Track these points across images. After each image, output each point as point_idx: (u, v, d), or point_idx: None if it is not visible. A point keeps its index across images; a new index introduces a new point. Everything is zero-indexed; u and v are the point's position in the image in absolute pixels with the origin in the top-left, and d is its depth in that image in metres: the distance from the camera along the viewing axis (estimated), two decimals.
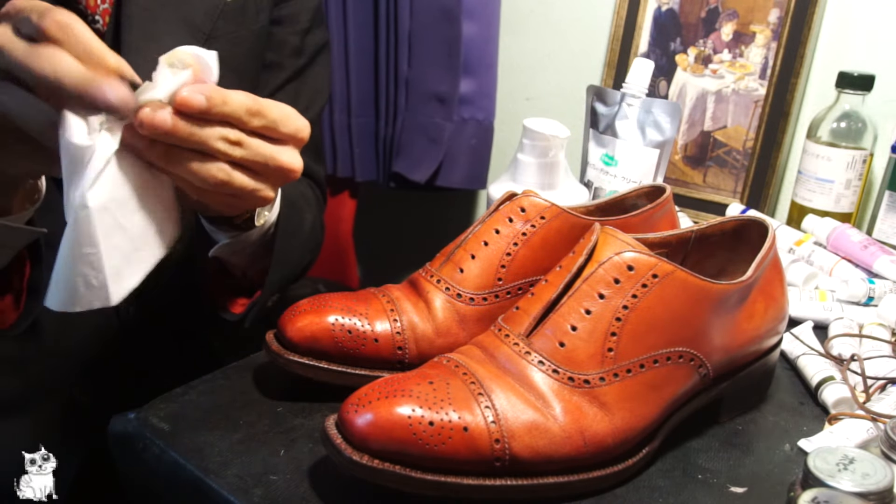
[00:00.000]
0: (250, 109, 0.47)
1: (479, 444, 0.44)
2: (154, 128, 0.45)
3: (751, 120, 1.02)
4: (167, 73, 0.46)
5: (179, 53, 0.46)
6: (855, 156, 0.88)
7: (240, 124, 0.48)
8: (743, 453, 0.54)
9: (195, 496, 0.49)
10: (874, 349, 0.65)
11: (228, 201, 0.52)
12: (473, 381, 0.46)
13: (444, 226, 1.40)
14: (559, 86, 1.21)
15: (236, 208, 0.56)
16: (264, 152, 0.49)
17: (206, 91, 0.46)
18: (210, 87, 0.46)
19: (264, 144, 0.49)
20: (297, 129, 0.50)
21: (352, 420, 0.44)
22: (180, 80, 0.46)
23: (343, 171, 1.25)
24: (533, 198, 0.58)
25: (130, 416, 0.54)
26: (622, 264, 0.48)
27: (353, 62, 1.20)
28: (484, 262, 0.57)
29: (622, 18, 1.10)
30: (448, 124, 1.18)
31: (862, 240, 0.80)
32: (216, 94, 0.46)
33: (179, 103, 0.45)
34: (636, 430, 0.48)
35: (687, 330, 0.50)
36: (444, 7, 1.13)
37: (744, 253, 0.57)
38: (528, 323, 0.49)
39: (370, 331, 0.55)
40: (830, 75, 0.92)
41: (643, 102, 0.85)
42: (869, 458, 0.42)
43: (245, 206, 0.56)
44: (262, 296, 0.68)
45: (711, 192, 1.06)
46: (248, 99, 0.48)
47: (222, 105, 0.46)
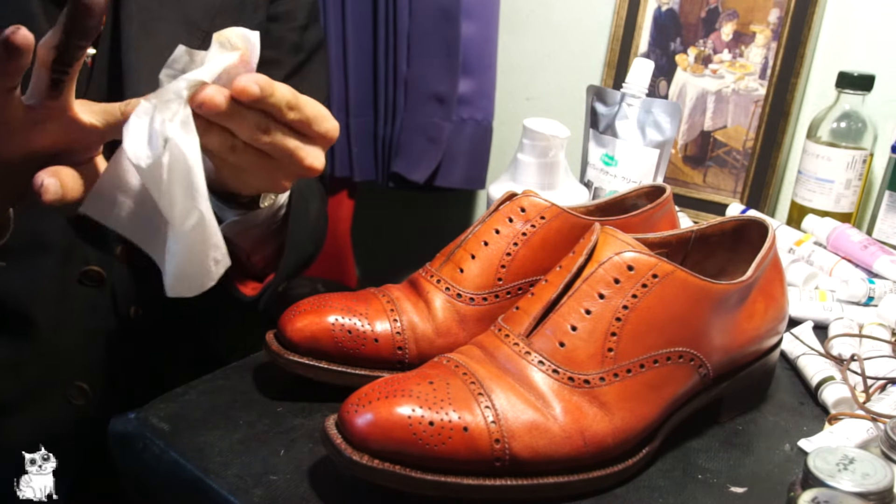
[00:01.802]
0: (290, 103, 0.49)
1: (479, 444, 0.44)
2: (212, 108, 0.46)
3: (751, 120, 1.02)
4: (218, 51, 0.47)
5: (230, 34, 0.47)
6: (855, 156, 0.88)
7: (277, 115, 0.49)
8: (743, 453, 0.54)
9: (195, 496, 0.49)
10: (874, 349, 0.65)
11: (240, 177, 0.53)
12: (473, 381, 0.46)
13: (443, 226, 1.40)
14: (559, 86, 1.21)
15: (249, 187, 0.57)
16: (289, 145, 0.50)
17: (259, 80, 0.46)
18: (262, 78, 0.47)
19: (290, 138, 0.50)
20: (327, 129, 0.52)
21: (352, 420, 0.44)
22: (227, 62, 0.47)
23: (341, 171, 1.25)
24: (533, 198, 0.58)
25: (130, 416, 0.54)
26: (622, 264, 0.48)
27: (352, 62, 1.20)
28: (484, 262, 0.57)
29: (622, 18, 1.10)
30: (447, 124, 1.18)
31: (862, 240, 0.80)
32: (267, 85, 0.47)
33: (237, 91, 0.46)
34: (636, 430, 0.48)
35: (687, 330, 0.50)
36: (443, 7, 1.13)
37: (744, 253, 0.57)
38: (528, 323, 0.49)
39: (370, 331, 0.55)
40: (830, 75, 0.92)
41: (643, 102, 0.85)
42: (869, 458, 0.42)
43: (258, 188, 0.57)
44: (275, 279, 0.69)
45: (711, 192, 1.06)
46: (290, 93, 0.49)
47: (270, 96, 0.47)
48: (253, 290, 0.71)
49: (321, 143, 0.52)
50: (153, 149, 0.45)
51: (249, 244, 0.69)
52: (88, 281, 0.68)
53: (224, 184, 0.58)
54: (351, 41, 1.18)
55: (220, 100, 0.46)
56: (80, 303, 0.69)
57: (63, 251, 0.67)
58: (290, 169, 0.53)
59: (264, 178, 0.54)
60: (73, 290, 0.68)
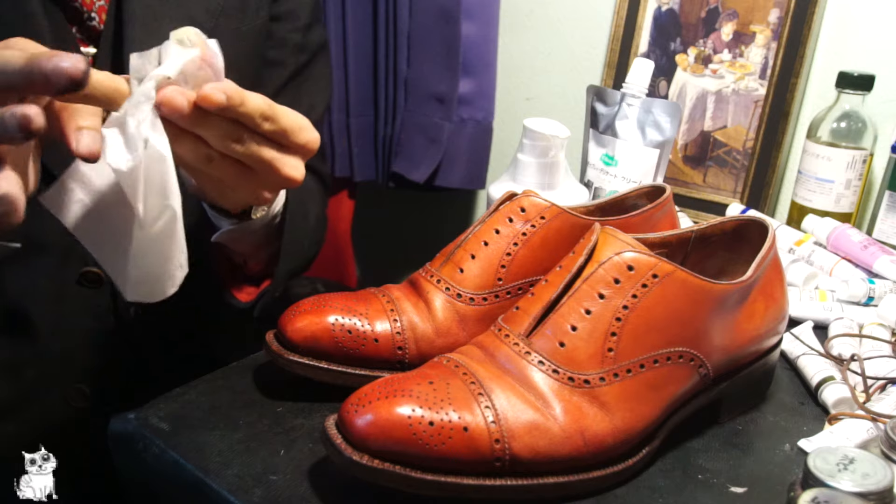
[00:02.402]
0: (264, 114, 0.48)
1: (479, 444, 0.44)
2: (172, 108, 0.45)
3: (751, 120, 1.02)
4: (177, 48, 0.46)
5: (188, 31, 0.47)
6: (855, 156, 0.88)
7: (251, 125, 0.48)
8: (743, 453, 0.54)
9: (195, 496, 0.49)
10: (874, 349, 0.65)
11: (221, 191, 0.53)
12: (473, 381, 0.46)
13: (443, 226, 1.40)
14: (559, 86, 1.21)
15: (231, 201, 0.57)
16: (265, 156, 0.49)
17: (227, 89, 0.46)
18: (231, 86, 0.47)
19: (266, 149, 0.49)
20: (306, 141, 0.51)
21: (352, 420, 0.44)
22: (188, 57, 0.46)
23: (341, 171, 1.25)
24: (533, 198, 0.58)
25: (130, 416, 0.54)
26: (622, 264, 0.48)
27: (352, 61, 1.20)
28: (484, 262, 0.57)
29: (622, 18, 1.10)
30: (447, 124, 1.18)
31: (862, 240, 0.80)
32: (236, 95, 0.46)
33: (201, 98, 0.45)
34: (636, 430, 0.48)
35: (687, 330, 0.50)
36: (443, 7, 1.13)
37: (744, 253, 0.57)
38: (528, 323, 0.49)
39: (370, 331, 0.55)
40: (830, 75, 0.92)
41: (643, 102, 0.85)
42: (869, 458, 0.42)
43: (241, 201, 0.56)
44: (271, 286, 0.69)
45: (711, 192, 1.06)
46: (264, 103, 0.48)
47: (240, 106, 0.46)
48: (248, 296, 0.71)
49: (300, 154, 0.51)
50: (133, 151, 0.45)
51: (246, 249, 0.68)
52: (87, 282, 0.68)
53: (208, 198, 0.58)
54: (351, 41, 1.18)
55: (181, 101, 0.45)
56: (79, 304, 0.68)
57: (61, 252, 0.67)
58: (270, 179, 0.51)
59: (245, 191, 0.53)
60: (72, 292, 0.68)
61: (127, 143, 0.45)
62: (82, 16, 0.64)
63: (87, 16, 0.64)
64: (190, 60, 0.46)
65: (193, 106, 0.46)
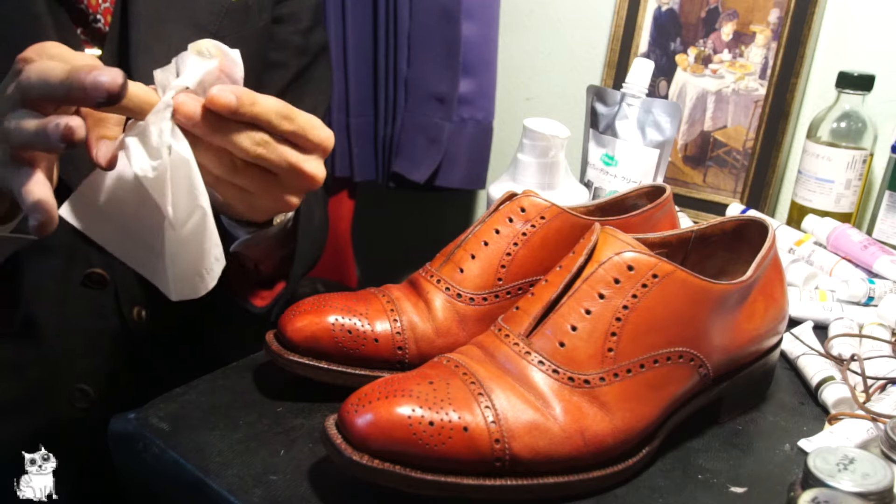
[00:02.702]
0: (280, 113, 0.48)
1: (479, 444, 0.44)
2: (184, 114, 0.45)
3: (751, 120, 1.02)
4: (195, 59, 0.47)
5: (207, 43, 0.47)
6: (855, 156, 0.88)
7: (269, 127, 0.48)
8: (743, 453, 0.54)
9: (195, 496, 0.49)
10: (874, 349, 0.65)
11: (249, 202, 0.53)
12: (473, 381, 0.46)
13: (443, 226, 1.40)
14: (559, 86, 1.21)
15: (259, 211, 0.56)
16: (289, 157, 0.50)
17: (236, 91, 0.46)
18: (240, 88, 0.47)
19: (289, 150, 0.50)
20: (323, 138, 0.51)
21: (352, 420, 0.44)
22: (207, 68, 0.47)
23: (341, 171, 1.25)
24: (533, 198, 0.58)
25: (130, 416, 0.54)
26: (622, 264, 0.48)
27: (352, 61, 1.20)
28: (484, 262, 0.57)
29: (622, 18, 1.10)
30: (447, 124, 1.18)
31: (862, 240, 0.80)
32: (246, 95, 0.46)
33: (210, 100, 0.46)
34: (636, 430, 0.48)
35: (687, 330, 0.50)
36: (443, 7, 1.13)
37: (744, 253, 0.57)
38: (528, 323, 0.49)
39: (370, 331, 0.55)
40: (830, 75, 0.92)
41: (643, 102, 0.85)
42: (869, 458, 0.42)
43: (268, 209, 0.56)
44: (285, 289, 0.69)
45: (711, 192, 1.06)
46: (279, 103, 0.48)
47: (251, 106, 0.47)
48: (262, 301, 0.71)
49: (318, 153, 0.52)
50: (157, 158, 0.46)
51: (259, 254, 0.69)
52: (91, 283, 0.68)
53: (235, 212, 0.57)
54: (351, 41, 1.18)
55: (192, 106, 0.46)
56: (84, 305, 0.69)
57: (66, 253, 0.67)
58: (294, 183, 0.52)
59: (271, 198, 0.53)
60: (77, 293, 0.68)
61: (150, 151, 0.46)
62: (87, 17, 0.64)
63: (92, 17, 0.64)
64: (208, 71, 0.47)
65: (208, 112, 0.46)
